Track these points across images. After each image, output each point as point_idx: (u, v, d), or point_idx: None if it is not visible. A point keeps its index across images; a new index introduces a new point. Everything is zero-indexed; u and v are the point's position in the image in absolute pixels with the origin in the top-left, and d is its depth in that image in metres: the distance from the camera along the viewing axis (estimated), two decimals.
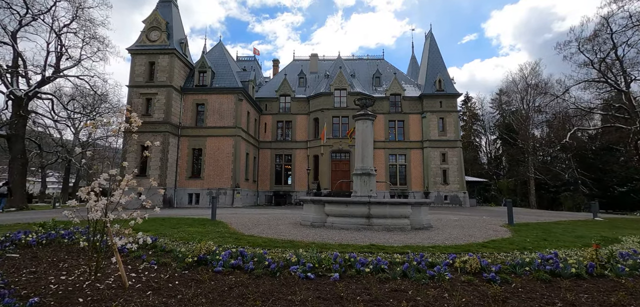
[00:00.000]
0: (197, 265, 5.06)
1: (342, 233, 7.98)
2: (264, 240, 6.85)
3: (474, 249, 6.18)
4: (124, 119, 4.97)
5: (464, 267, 4.88)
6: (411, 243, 6.70)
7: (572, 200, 48.07)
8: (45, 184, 49.89)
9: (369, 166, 10.16)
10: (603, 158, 47.26)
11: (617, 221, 14.84)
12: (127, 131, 5.10)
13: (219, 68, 31.35)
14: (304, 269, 4.68)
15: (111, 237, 4.60)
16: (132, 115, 4.89)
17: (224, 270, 4.80)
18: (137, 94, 27.15)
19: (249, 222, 10.47)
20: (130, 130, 5.12)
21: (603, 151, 46.81)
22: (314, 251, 5.27)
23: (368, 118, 10.35)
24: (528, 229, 9.18)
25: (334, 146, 33.12)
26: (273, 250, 5.96)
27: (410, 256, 5.35)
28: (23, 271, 5.01)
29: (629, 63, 25.26)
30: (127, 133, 5.17)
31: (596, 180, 46.63)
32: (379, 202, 8.92)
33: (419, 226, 8.90)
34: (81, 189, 4.62)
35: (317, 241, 6.73)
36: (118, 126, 4.86)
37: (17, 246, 6.67)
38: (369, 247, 6.32)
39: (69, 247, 6.66)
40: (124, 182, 4.89)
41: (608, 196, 45.42)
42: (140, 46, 28.00)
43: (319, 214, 9.12)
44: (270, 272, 4.68)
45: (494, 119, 64.53)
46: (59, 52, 23.41)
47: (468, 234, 7.99)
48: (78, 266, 5.23)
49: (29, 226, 10.64)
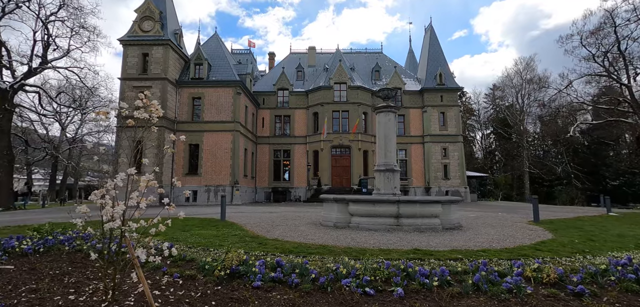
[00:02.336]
0: (229, 279, 4.34)
1: (371, 235, 7.34)
2: (293, 245, 6.15)
3: (530, 253, 5.61)
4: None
5: (538, 277, 4.28)
6: (456, 246, 6.10)
7: (566, 194, 48.60)
8: (31, 182, 47.93)
9: (392, 161, 9.53)
10: (596, 152, 47.86)
11: (632, 215, 14.60)
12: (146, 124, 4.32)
13: (215, 61, 30.25)
14: (359, 283, 4.02)
15: (131, 250, 3.85)
16: (152, 103, 4.12)
17: (263, 285, 4.09)
18: (130, 87, 25.93)
19: (265, 223, 9.73)
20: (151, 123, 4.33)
21: (595, 145, 47.40)
22: (367, 259, 4.60)
23: (391, 110, 9.70)
24: (564, 228, 8.68)
25: (334, 141, 32.44)
26: (309, 258, 5.27)
27: (473, 264, 4.72)
28: (21, 288, 4.22)
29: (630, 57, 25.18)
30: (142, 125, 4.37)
31: (589, 174, 47.20)
32: (409, 201, 8.33)
33: (450, 225, 8.33)
34: (95, 192, 3.85)
35: (353, 246, 6.07)
36: (132, 115, 4.06)
37: (10, 255, 5.82)
38: (413, 252, 5.69)
39: (71, 257, 5.85)
40: (144, 182, 4.11)
41: (600, 189, 45.97)
42: (133, 37, 26.72)
43: (342, 213, 8.46)
44: (320, 287, 4.00)
45: (487, 113, 64.88)
46: (46, 42, 22.06)
47: (508, 235, 7.45)
48: (87, 282, 4.45)
49: (20, 229, 9.70)
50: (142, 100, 4.02)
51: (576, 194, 47.44)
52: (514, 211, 15.40)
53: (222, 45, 33.14)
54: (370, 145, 33.65)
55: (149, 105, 4.01)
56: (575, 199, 45.72)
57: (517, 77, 51.41)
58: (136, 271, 3.71)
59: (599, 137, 44.16)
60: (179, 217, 4.12)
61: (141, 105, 3.99)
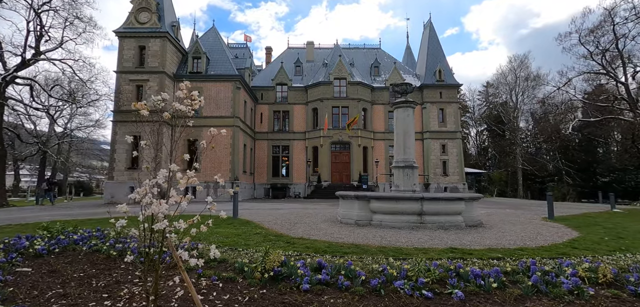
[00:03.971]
0: (272, 281, 4.10)
1: (397, 233, 7.17)
2: (324, 244, 5.93)
3: (567, 252, 5.50)
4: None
5: (592, 277, 4.14)
6: (490, 245, 5.96)
7: (559, 190, 49.49)
8: (18, 178, 46.61)
9: (411, 157, 9.35)
10: (587, 149, 48.75)
11: (634, 212, 14.78)
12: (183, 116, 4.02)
13: (213, 54, 29.65)
14: (414, 285, 3.82)
15: (174, 251, 3.58)
16: (193, 94, 3.82)
17: (312, 288, 3.87)
18: (127, 81, 25.24)
19: (281, 221, 9.46)
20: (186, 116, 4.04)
21: (586, 142, 48.29)
22: (420, 260, 4.40)
23: (409, 106, 9.51)
24: (585, 226, 8.63)
25: (333, 137, 32.23)
26: (347, 258, 5.06)
27: (522, 264, 4.57)
28: (48, 293, 3.90)
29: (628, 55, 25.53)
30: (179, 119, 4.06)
31: (579, 170, 48.08)
32: (433, 198, 8.17)
33: (472, 223, 8.22)
34: (137, 190, 3.55)
35: (386, 245, 5.88)
36: (167, 107, 3.76)
37: (24, 256, 5.46)
38: (450, 250, 5.52)
39: (89, 258, 5.52)
40: (184, 179, 3.83)
41: (590, 186, 46.84)
42: (129, 29, 25.94)
43: (363, 211, 8.25)
44: (373, 289, 3.79)
45: (481, 111, 65.54)
46: (39, 33, 21.20)
47: (534, 232, 7.37)
48: (118, 286, 4.15)
49: (23, 228, 9.27)
50: (183, 91, 3.71)
51: (568, 190, 48.29)
52: (520, 208, 15.46)
53: (220, 39, 32.53)
54: (370, 141, 33.55)
55: (193, 99, 3.71)
56: (567, 195, 46.51)
57: (511, 74, 51.85)
58: (182, 275, 3.44)
59: (590, 135, 44.99)
60: (221, 216, 3.85)
61: (183, 96, 3.68)
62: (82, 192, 48.67)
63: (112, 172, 24.37)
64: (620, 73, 26.60)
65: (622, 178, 42.90)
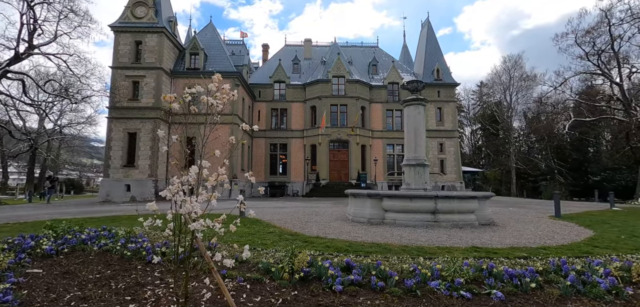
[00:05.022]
0: (302, 282, 3.95)
1: (413, 231, 7.08)
2: (343, 243, 5.79)
3: (588, 250, 5.46)
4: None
5: (624, 276, 4.09)
6: (511, 243, 5.90)
7: (551, 188, 50.19)
8: (7, 176, 45.51)
9: (422, 155, 9.27)
10: (579, 148, 49.55)
11: (635, 210, 14.98)
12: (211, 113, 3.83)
13: (211, 51, 29.23)
14: (451, 285, 3.71)
15: (205, 252, 3.42)
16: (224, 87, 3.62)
17: (345, 289, 3.73)
18: (123, 77, 24.71)
19: (291, 220, 9.29)
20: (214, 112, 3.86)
21: (577, 142, 49.07)
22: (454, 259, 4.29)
23: (420, 103, 9.42)
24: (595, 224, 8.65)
25: (332, 135, 32.09)
26: (372, 257, 4.94)
27: (553, 262, 4.49)
28: (66, 296, 3.69)
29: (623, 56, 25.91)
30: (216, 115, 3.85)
31: (571, 169, 48.85)
32: (447, 196, 8.09)
33: (485, 221, 8.18)
34: (169, 187, 3.37)
35: (407, 244, 5.77)
36: (216, 101, 3.56)
37: (32, 257, 5.21)
38: (474, 250, 5.44)
39: (101, 258, 5.30)
40: (214, 176, 3.66)
41: (581, 184, 47.59)
42: (125, 23, 25.40)
43: (376, 209, 8.14)
44: (408, 290, 3.67)
45: (474, 109, 66.17)
46: (33, 26, 20.58)
47: (549, 231, 7.35)
48: (139, 288, 3.96)
49: (22, 227, 8.93)
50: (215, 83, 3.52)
51: (560, 189, 49.02)
52: (522, 206, 15.57)
53: (217, 35, 32.08)
54: (368, 140, 33.50)
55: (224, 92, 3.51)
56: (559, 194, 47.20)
57: (506, 74, 52.33)
58: (215, 277, 3.28)
59: (581, 135, 45.73)
60: (250, 215, 3.69)
61: (215, 89, 3.49)
62: (72, 190, 47.75)
63: (108, 170, 23.86)
64: (615, 73, 26.99)
65: (613, 177, 43.67)
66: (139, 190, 23.31)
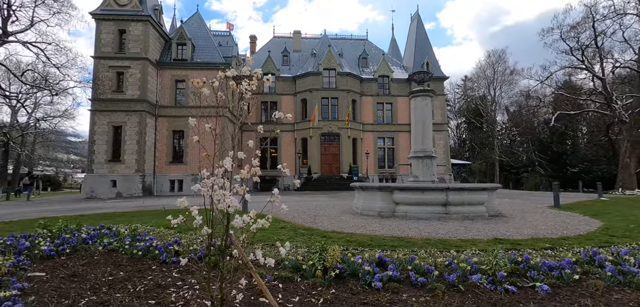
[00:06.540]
0: (338, 280, 3.74)
1: (428, 224, 6.98)
2: (365, 238, 5.61)
3: (606, 240, 5.50)
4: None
5: None
6: (529, 234, 5.89)
7: (533, 180, 51.95)
8: None
9: (430, 147, 9.21)
10: (559, 141, 51.42)
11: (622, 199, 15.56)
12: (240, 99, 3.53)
13: (198, 41, 28.31)
14: (493, 279, 3.59)
15: (241, 250, 3.18)
16: (256, 72, 3.33)
17: (385, 285, 3.55)
18: (106, 67, 23.58)
19: (299, 214, 9.00)
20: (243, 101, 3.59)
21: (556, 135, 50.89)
22: (493, 252, 4.18)
23: (427, 94, 9.34)
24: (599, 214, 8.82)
25: (323, 129, 31.86)
26: (400, 251, 4.78)
27: (584, 253, 4.46)
28: (81, 302, 3.34)
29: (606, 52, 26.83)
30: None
31: (550, 161, 50.69)
32: (458, 189, 8.07)
33: (494, 212, 8.21)
34: (204, 181, 3.08)
35: (427, 236, 5.65)
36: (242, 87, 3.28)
37: (31, 259, 4.77)
38: (497, 241, 5.38)
39: (106, 258, 4.92)
40: (246, 169, 3.40)
41: (560, 176, 49.46)
42: (107, 10, 24.18)
43: (386, 202, 8.02)
44: (450, 285, 3.53)
45: (459, 103, 67.44)
46: (6, 12, 19.24)
47: (559, 222, 7.43)
48: (161, 290, 3.64)
49: (7, 226, 8.31)
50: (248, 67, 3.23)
51: (541, 180, 50.78)
52: (517, 198, 15.90)
53: (204, 25, 31.11)
54: (359, 133, 33.48)
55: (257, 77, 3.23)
56: (540, 185, 48.93)
57: (490, 69, 53.38)
58: (255, 278, 3.04)
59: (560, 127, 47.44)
60: (282, 210, 3.43)
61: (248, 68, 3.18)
62: (49, 187, 45.69)
63: (92, 165, 22.81)
64: (597, 68, 27.96)
65: (590, 168, 45.60)
66: (125, 186, 22.43)
